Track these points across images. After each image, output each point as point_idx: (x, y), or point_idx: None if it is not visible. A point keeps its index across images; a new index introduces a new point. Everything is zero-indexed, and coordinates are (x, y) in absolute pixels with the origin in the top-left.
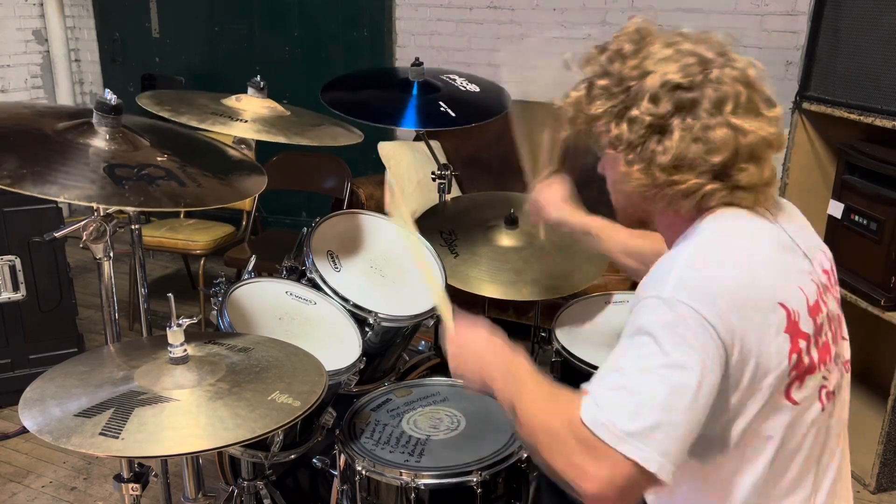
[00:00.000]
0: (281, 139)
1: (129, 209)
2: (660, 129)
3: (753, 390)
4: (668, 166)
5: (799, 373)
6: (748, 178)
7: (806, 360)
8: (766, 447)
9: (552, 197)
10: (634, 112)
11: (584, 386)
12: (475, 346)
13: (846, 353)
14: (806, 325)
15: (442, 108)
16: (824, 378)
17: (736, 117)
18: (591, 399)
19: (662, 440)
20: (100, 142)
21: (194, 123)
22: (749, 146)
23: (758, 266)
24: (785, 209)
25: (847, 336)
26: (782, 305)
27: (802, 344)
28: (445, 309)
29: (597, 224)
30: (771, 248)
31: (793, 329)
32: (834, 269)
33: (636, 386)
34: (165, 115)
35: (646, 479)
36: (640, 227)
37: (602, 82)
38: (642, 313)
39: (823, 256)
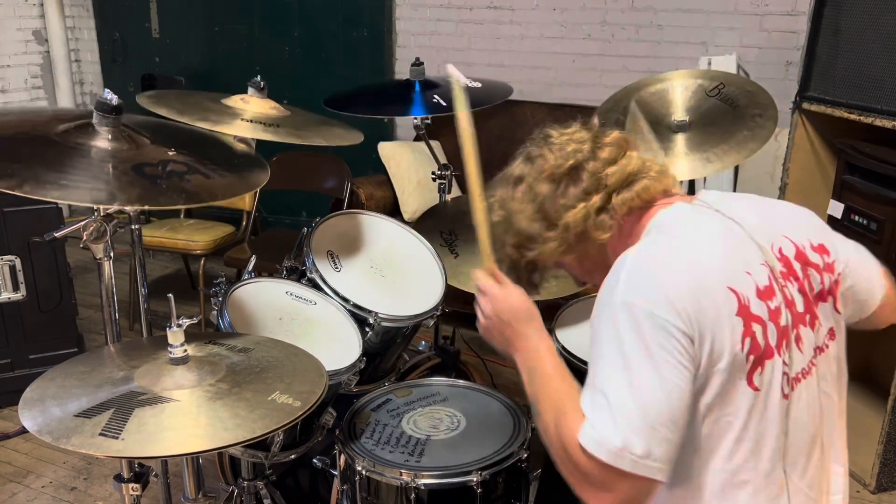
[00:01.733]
0: (281, 139)
1: (170, 207)
2: (568, 182)
3: (709, 374)
4: (548, 217)
5: (756, 357)
6: (618, 177)
7: (762, 343)
8: (728, 434)
9: None
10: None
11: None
12: (510, 316)
13: (821, 338)
14: (758, 309)
15: (435, 100)
16: (785, 364)
17: (552, 162)
18: (587, 421)
19: (647, 446)
20: (102, 142)
21: (195, 123)
22: (593, 159)
23: (702, 253)
24: (735, 199)
25: (823, 322)
26: (731, 290)
27: (756, 328)
28: (489, 259)
29: None
30: (712, 235)
31: (744, 313)
32: (807, 253)
33: (611, 400)
34: (166, 114)
35: (653, 487)
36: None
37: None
38: (600, 323)
39: (790, 243)
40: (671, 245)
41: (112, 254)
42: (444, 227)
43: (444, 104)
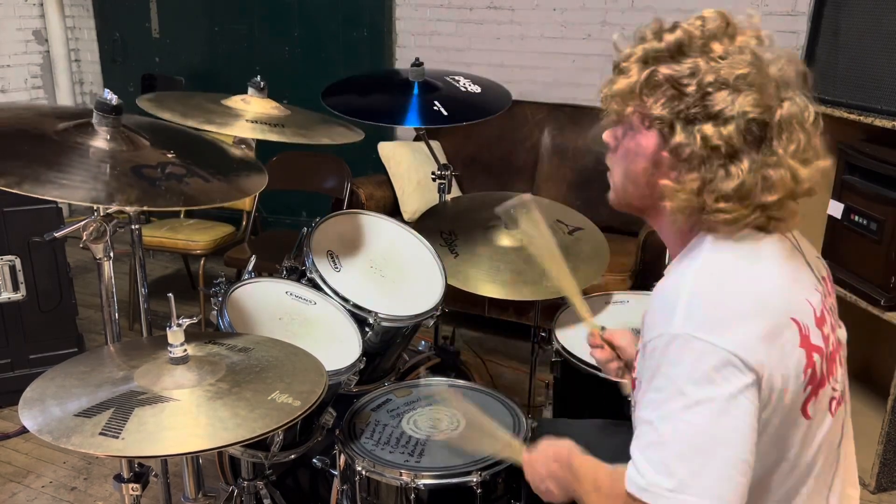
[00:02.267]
0: (282, 138)
1: (167, 209)
2: (728, 155)
3: (776, 408)
4: (729, 195)
5: (814, 387)
6: (785, 213)
7: (819, 373)
8: (782, 465)
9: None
10: (708, 129)
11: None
12: (547, 468)
13: (844, 359)
14: (816, 339)
15: (435, 107)
16: (833, 389)
17: (796, 161)
18: (632, 467)
19: (708, 484)
20: (100, 142)
21: (195, 125)
22: (800, 192)
23: (766, 281)
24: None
25: (842, 342)
26: (794, 320)
27: (816, 357)
28: (510, 449)
29: None
30: (777, 260)
31: (806, 343)
32: (830, 276)
33: (665, 437)
34: (166, 116)
35: None
36: (631, 212)
37: (667, 71)
38: (655, 355)
39: (822, 264)
40: (732, 270)
41: (112, 254)
42: (444, 227)
43: (444, 113)
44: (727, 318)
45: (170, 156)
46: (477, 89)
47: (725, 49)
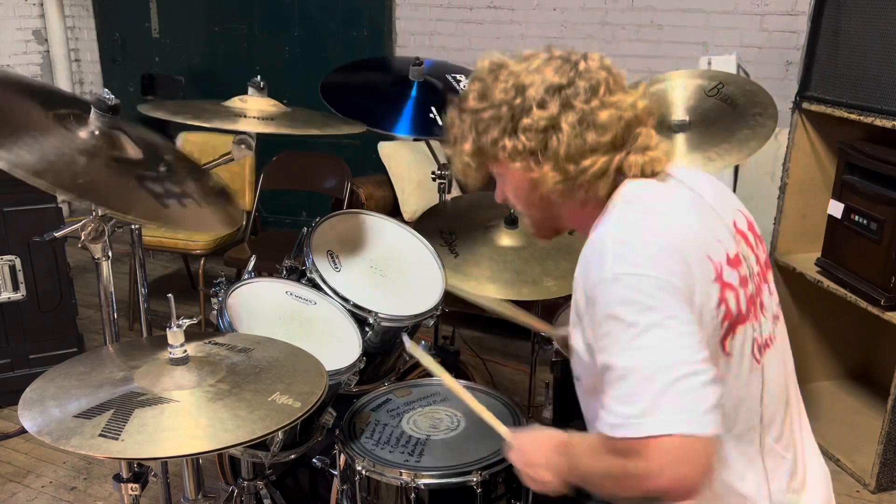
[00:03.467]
0: (284, 131)
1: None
2: (553, 127)
3: (703, 332)
4: (574, 155)
5: (730, 322)
6: (644, 140)
7: (734, 309)
8: None
9: None
10: (526, 121)
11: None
12: (539, 455)
13: (775, 306)
14: (729, 276)
15: (432, 115)
16: (754, 329)
17: (611, 97)
18: (602, 411)
19: (676, 400)
20: (85, 133)
21: (197, 123)
22: (632, 118)
23: (678, 222)
24: (691, 175)
25: (774, 291)
26: (708, 258)
27: (729, 294)
28: (494, 420)
29: None
30: (684, 206)
31: (720, 280)
32: (755, 228)
33: (625, 369)
34: (167, 118)
35: (693, 442)
36: (556, 235)
37: (486, 114)
38: (596, 303)
39: (741, 215)
40: (646, 216)
41: (110, 254)
42: (444, 227)
43: (440, 123)
44: (651, 254)
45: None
46: None
47: (506, 73)
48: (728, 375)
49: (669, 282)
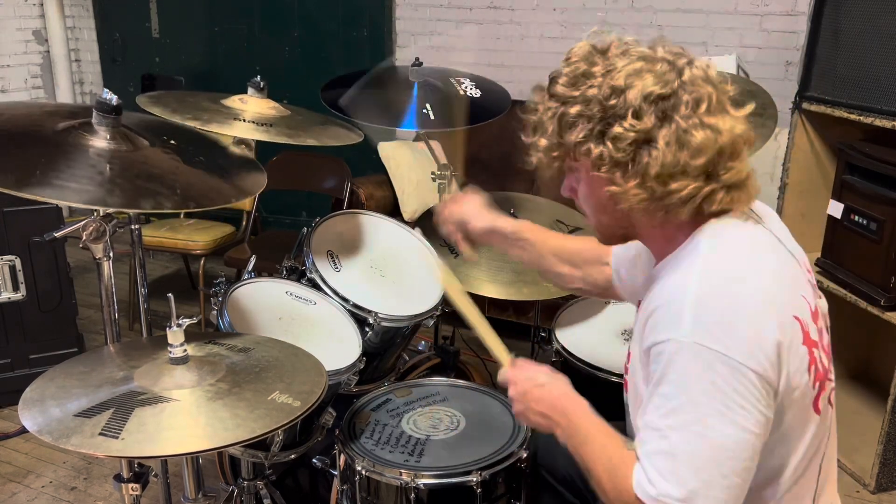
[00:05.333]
0: (282, 139)
1: (164, 211)
2: (646, 141)
3: (784, 407)
4: (664, 175)
5: (820, 382)
6: (734, 175)
7: (821, 368)
8: (792, 459)
9: (471, 207)
10: (617, 129)
11: (634, 446)
12: (538, 392)
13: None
14: (814, 334)
15: (425, 111)
16: (830, 380)
17: (710, 117)
18: (640, 471)
19: (716, 493)
20: (100, 142)
21: (194, 125)
22: (727, 145)
23: (768, 281)
24: (763, 210)
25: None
26: (796, 318)
27: (816, 353)
28: (498, 347)
29: (527, 227)
30: (772, 258)
31: (808, 341)
32: (805, 259)
33: (675, 447)
34: (166, 116)
35: None
36: (621, 242)
37: (573, 109)
38: (662, 360)
39: (803, 255)
40: (735, 271)
41: (111, 254)
42: None
43: (432, 117)
44: (736, 324)
45: (170, 156)
46: (477, 93)
47: (605, 65)
48: (819, 432)
49: (749, 367)
